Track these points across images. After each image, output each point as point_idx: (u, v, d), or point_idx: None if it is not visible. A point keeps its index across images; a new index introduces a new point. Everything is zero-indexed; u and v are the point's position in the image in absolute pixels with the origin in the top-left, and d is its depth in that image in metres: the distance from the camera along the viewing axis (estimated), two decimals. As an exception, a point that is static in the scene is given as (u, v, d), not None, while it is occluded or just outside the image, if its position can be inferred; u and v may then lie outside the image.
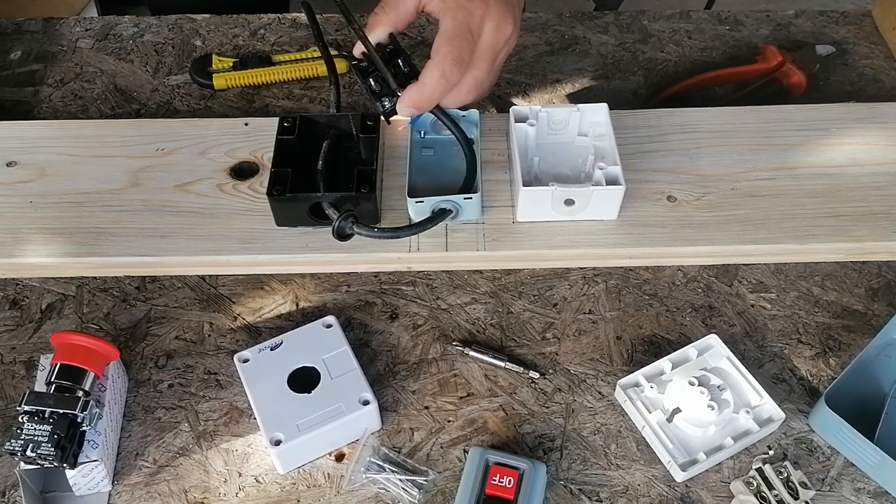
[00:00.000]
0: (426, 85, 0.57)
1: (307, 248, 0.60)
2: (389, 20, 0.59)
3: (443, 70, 0.56)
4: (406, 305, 0.60)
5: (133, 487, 0.51)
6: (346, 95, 0.74)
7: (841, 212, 0.61)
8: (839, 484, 0.51)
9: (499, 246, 0.60)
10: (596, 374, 0.56)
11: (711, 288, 0.61)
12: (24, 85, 0.77)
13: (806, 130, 0.67)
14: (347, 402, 0.52)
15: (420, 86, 0.57)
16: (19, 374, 0.57)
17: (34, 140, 0.68)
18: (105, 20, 0.83)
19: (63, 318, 0.60)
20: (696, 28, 0.81)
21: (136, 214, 0.62)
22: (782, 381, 0.56)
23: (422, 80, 0.57)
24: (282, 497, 0.51)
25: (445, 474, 0.52)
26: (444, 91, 0.58)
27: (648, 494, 0.51)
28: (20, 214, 0.62)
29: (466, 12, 0.57)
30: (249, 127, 0.68)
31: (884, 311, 0.59)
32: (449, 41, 0.56)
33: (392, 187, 0.63)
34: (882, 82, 0.75)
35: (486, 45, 0.58)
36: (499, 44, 0.59)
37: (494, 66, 0.61)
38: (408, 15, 0.59)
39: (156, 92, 0.76)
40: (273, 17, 0.82)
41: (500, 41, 0.59)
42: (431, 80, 0.57)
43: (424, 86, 0.57)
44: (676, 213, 0.62)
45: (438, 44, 0.56)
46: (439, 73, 0.56)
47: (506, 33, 0.59)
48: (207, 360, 0.57)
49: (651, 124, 0.67)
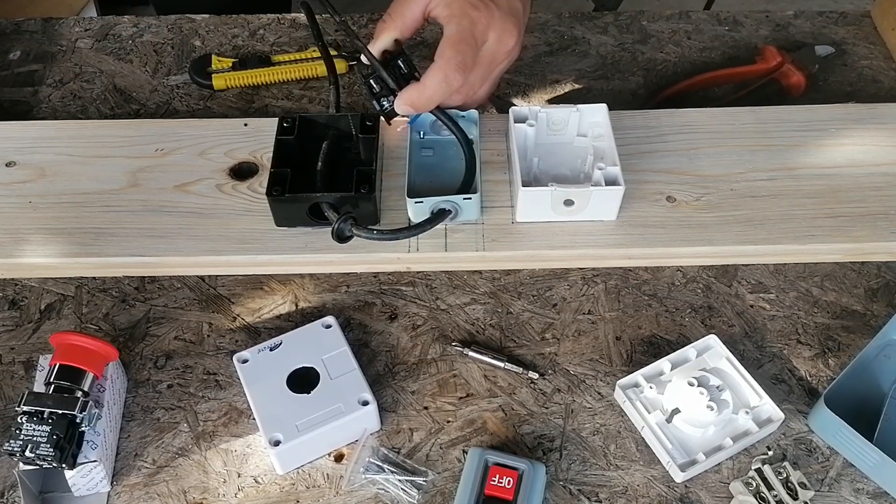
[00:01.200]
0: (427, 87, 0.58)
1: (306, 249, 0.60)
2: (396, 27, 0.59)
3: (445, 74, 0.57)
4: (405, 306, 0.60)
5: (132, 488, 0.51)
6: (345, 96, 0.74)
7: (840, 212, 0.61)
8: (838, 484, 0.51)
9: (498, 246, 0.60)
10: (595, 374, 0.56)
11: (711, 288, 0.61)
12: (23, 85, 0.77)
13: (805, 131, 0.67)
14: (347, 402, 0.52)
15: (421, 87, 0.58)
16: (18, 374, 0.57)
17: (33, 140, 0.68)
18: (104, 20, 0.83)
19: (62, 318, 0.60)
20: (696, 28, 0.81)
21: (135, 215, 0.62)
22: (781, 381, 0.56)
23: (423, 82, 0.58)
24: (281, 497, 0.51)
25: (445, 475, 0.52)
26: (444, 94, 0.58)
27: (648, 495, 0.51)
28: (19, 214, 0.62)
29: (471, 20, 0.58)
30: (249, 127, 0.68)
31: (883, 311, 0.59)
32: (453, 45, 0.57)
33: (391, 188, 0.63)
34: (881, 83, 0.75)
35: (486, 54, 0.59)
36: (499, 55, 0.60)
37: (491, 75, 0.62)
38: (414, 22, 0.60)
39: (155, 92, 0.76)
40: (272, 18, 0.82)
41: (500, 52, 0.60)
42: (433, 83, 0.57)
43: (425, 87, 0.58)
44: (676, 214, 0.62)
45: (443, 48, 0.57)
46: (442, 77, 0.57)
47: (508, 45, 0.60)
48: (206, 361, 0.57)
49: (650, 125, 0.68)
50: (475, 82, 0.60)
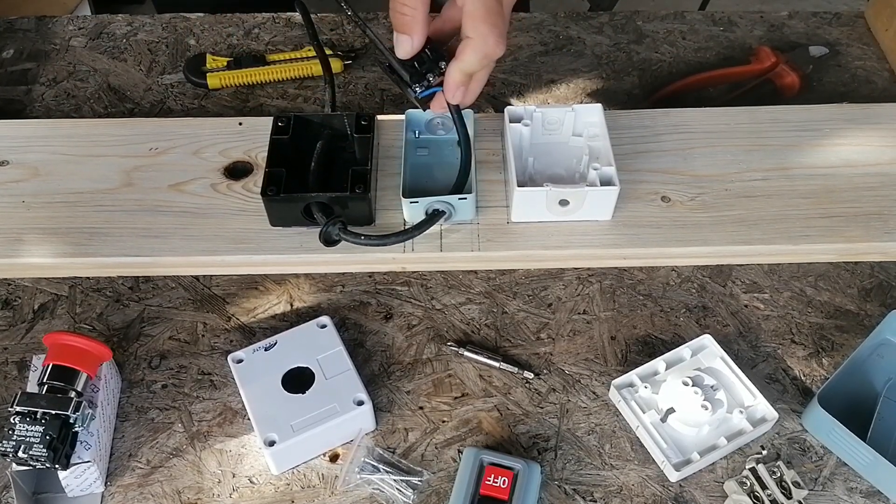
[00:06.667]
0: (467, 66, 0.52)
1: (301, 249, 0.60)
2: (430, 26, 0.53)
3: (485, 53, 0.52)
4: (401, 306, 0.60)
5: (126, 488, 0.51)
6: (340, 95, 0.74)
7: (834, 212, 0.62)
8: (832, 483, 0.51)
9: (493, 246, 0.60)
10: (590, 374, 0.56)
11: (705, 288, 0.61)
12: (16, 84, 0.76)
13: (799, 131, 0.67)
14: (342, 402, 0.52)
15: (460, 70, 0.53)
16: (11, 374, 0.56)
17: (26, 139, 0.67)
18: (98, 19, 0.82)
19: (56, 318, 0.59)
20: (691, 29, 0.81)
21: (129, 214, 0.62)
22: (775, 381, 0.56)
23: (460, 65, 0.53)
24: (276, 498, 0.51)
25: (440, 475, 0.52)
26: (489, 69, 0.54)
27: (642, 494, 0.51)
28: (12, 214, 0.62)
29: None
30: (243, 126, 0.68)
31: (876, 311, 0.59)
32: (485, 19, 0.51)
33: (387, 187, 0.63)
34: (874, 83, 0.76)
35: (507, 3, 0.53)
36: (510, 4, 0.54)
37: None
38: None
39: (149, 91, 0.75)
40: (267, 17, 0.82)
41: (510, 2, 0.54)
42: (474, 61, 0.52)
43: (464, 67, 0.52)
44: (670, 214, 0.62)
45: (474, 23, 0.51)
46: (481, 56, 0.52)
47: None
48: (201, 361, 0.57)
49: (645, 125, 0.68)
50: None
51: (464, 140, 0.61)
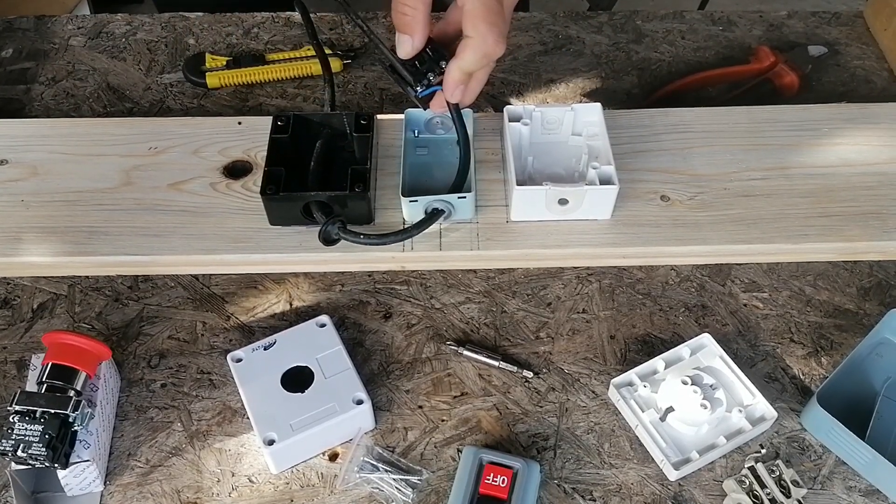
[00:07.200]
0: (467, 66, 0.53)
1: (301, 248, 0.60)
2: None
3: (484, 52, 0.52)
4: (400, 305, 0.60)
5: (125, 487, 0.51)
6: (340, 94, 0.74)
7: (833, 212, 0.62)
8: (831, 482, 0.51)
9: (492, 245, 0.60)
10: (589, 373, 0.56)
11: (704, 287, 0.61)
12: (15, 83, 0.76)
13: (798, 131, 0.67)
14: (341, 401, 0.52)
15: (460, 70, 0.53)
16: (10, 373, 0.56)
17: (26, 138, 0.67)
18: (97, 18, 0.82)
19: (55, 317, 0.59)
20: (690, 28, 0.81)
21: (128, 213, 0.62)
22: (775, 380, 0.56)
23: (460, 63, 0.53)
24: (275, 497, 0.51)
25: (439, 474, 0.52)
26: (490, 68, 0.54)
27: (642, 493, 0.51)
28: (11, 213, 0.62)
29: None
30: (243, 126, 0.68)
31: (875, 310, 0.59)
32: (484, 19, 0.51)
33: (386, 186, 0.63)
34: (873, 83, 0.76)
35: (507, 3, 0.53)
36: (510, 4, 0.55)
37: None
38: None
39: (149, 90, 0.75)
40: (267, 16, 0.82)
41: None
42: (472, 61, 0.52)
43: (464, 66, 0.53)
44: (670, 213, 0.62)
45: (474, 22, 0.51)
46: (481, 55, 0.52)
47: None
48: (200, 360, 0.57)
49: (644, 124, 0.68)
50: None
51: (463, 139, 0.61)
